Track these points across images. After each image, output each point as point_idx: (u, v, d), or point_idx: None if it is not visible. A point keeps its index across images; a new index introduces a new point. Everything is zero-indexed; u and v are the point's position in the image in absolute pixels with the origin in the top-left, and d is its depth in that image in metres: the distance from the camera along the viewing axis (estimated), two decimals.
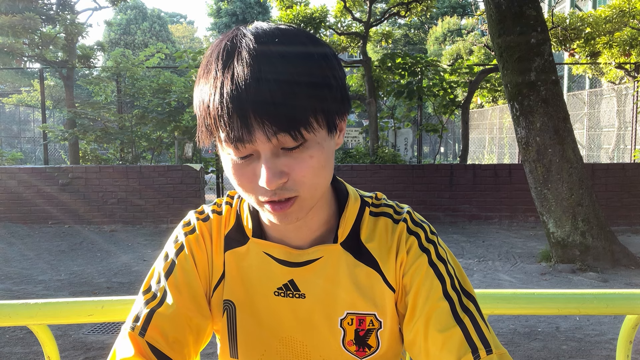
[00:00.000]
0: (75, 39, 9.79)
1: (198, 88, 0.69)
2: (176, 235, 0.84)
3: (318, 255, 0.79)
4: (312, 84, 0.64)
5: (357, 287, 0.79)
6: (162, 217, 7.95)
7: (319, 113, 0.65)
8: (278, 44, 0.65)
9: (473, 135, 16.88)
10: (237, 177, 0.69)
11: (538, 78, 5.21)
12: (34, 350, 3.32)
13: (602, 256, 5.26)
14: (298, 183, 0.67)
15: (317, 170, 0.68)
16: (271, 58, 0.63)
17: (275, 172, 0.65)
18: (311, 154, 0.66)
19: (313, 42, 0.69)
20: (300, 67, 0.64)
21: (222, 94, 0.63)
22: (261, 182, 0.65)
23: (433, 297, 0.75)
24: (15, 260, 5.85)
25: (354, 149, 9.58)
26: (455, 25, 24.72)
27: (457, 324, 0.72)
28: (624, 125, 11.37)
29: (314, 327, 0.80)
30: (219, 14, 31.67)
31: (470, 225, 7.80)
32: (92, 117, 9.15)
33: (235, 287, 0.82)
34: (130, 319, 0.75)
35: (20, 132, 19.82)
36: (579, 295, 1.13)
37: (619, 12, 8.33)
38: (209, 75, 0.66)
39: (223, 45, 0.67)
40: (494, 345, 0.71)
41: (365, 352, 0.80)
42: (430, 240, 0.80)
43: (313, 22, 8.99)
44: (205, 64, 0.68)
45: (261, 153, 0.65)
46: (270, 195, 0.67)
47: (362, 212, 0.83)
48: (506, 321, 3.83)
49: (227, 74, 0.63)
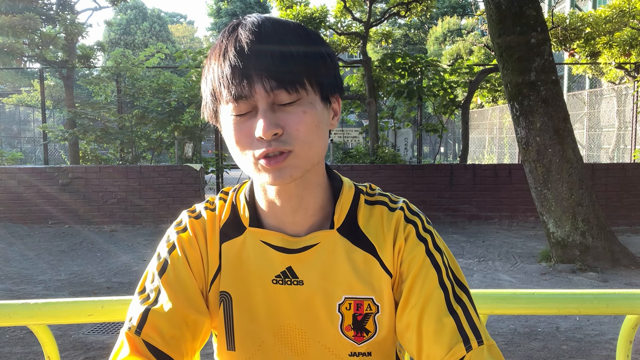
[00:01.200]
0: (75, 39, 9.79)
1: (206, 67, 0.76)
2: (168, 235, 0.85)
3: (315, 241, 0.80)
4: (308, 54, 0.72)
5: (355, 271, 0.80)
6: (162, 217, 7.94)
7: (313, 79, 0.72)
8: (280, 22, 0.74)
9: (473, 135, 16.87)
10: (236, 133, 0.72)
11: (538, 78, 5.20)
12: (34, 350, 3.31)
13: (602, 256, 5.26)
14: (292, 137, 0.71)
15: (310, 127, 0.72)
16: (273, 28, 0.72)
17: (271, 122, 0.69)
18: (304, 109, 0.71)
19: (312, 32, 0.77)
20: (299, 39, 0.72)
21: (227, 56, 0.71)
22: (257, 133, 0.70)
23: (428, 286, 0.76)
24: (15, 260, 5.85)
25: (354, 149, 9.57)
26: (455, 25, 24.71)
27: (451, 314, 0.74)
28: (624, 125, 11.37)
29: (312, 313, 0.80)
30: (219, 14, 31.67)
31: (470, 225, 7.80)
32: (92, 117, 9.15)
33: (231, 278, 0.82)
34: (127, 320, 0.76)
35: (20, 132, 19.81)
36: (579, 295, 1.13)
37: (619, 12, 8.32)
38: (215, 50, 0.74)
39: (230, 26, 0.75)
40: (485, 337, 0.73)
41: (363, 337, 0.80)
42: (427, 230, 0.82)
43: (313, 22, 8.99)
44: (213, 47, 0.76)
45: (259, 106, 0.70)
46: (265, 146, 0.70)
47: (357, 200, 0.85)
48: (506, 321, 3.83)
49: (231, 39, 0.72)
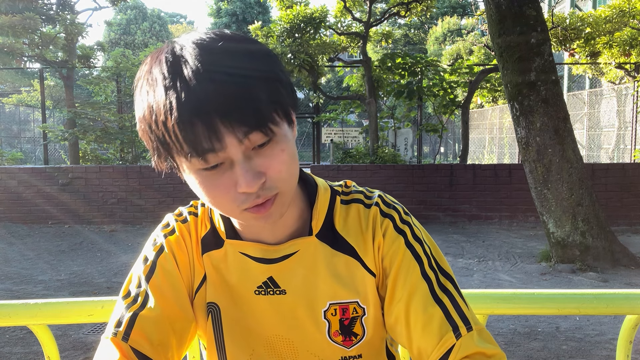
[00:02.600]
0: (75, 39, 9.79)
1: (142, 103, 0.64)
2: (154, 238, 0.82)
3: (294, 249, 0.78)
4: (265, 79, 0.63)
5: (337, 276, 0.79)
6: (162, 217, 7.90)
7: (277, 106, 0.64)
8: (220, 45, 0.63)
9: (473, 135, 16.87)
10: (211, 190, 0.66)
11: (538, 78, 5.20)
12: (34, 350, 3.31)
13: (602, 256, 5.26)
14: (276, 180, 0.66)
15: (290, 163, 0.67)
16: (219, 58, 0.61)
17: (254, 173, 0.63)
18: (282, 147, 0.66)
19: (250, 40, 0.67)
20: (250, 64, 0.63)
21: (181, 105, 0.59)
22: (240, 188, 0.63)
23: (411, 279, 0.75)
24: (15, 260, 5.85)
25: (354, 149, 9.57)
26: (455, 25, 24.71)
27: (437, 304, 0.73)
28: (624, 125, 11.36)
29: (298, 322, 0.79)
30: (219, 14, 31.66)
31: (470, 225, 7.80)
32: (92, 117, 9.16)
33: (217, 290, 0.80)
34: (112, 325, 0.72)
35: (20, 132, 19.81)
36: (579, 295, 1.13)
37: (619, 12, 8.33)
38: (154, 88, 0.62)
39: (163, 57, 0.63)
40: (473, 322, 0.73)
41: (352, 341, 0.80)
42: (405, 221, 0.80)
43: (313, 22, 8.98)
44: (146, 78, 0.64)
45: (234, 158, 0.63)
46: (253, 199, 0.65)
47: (334, 202, 0.82)
48: (506, 321, 3.83)
49: (178, 83, 0.59)
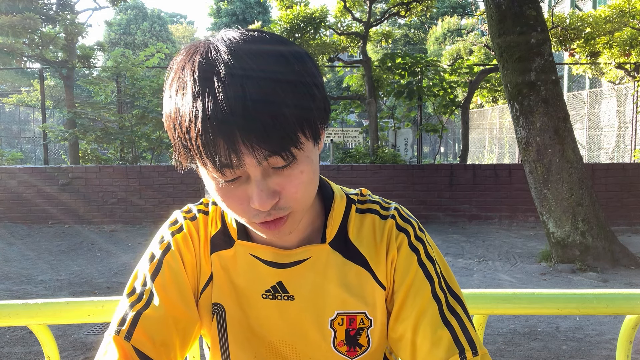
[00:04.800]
0: (75, 39, 9.79)
1: (170, 102, 0.63)
2: (161, 235, 0.81)
3: (306, 255, 0.78)
4: (297, 99, 0.61)
5: (347, 286, 0.78)
6: (162, 217, 7.93)
7: (305, 128, 0.62)
8: (256, 56, 0.61)
9: (473, 135, 16.87)
10: (226, 199, 0.66)
11: (538, 78, 5.20)
12: (34, 350, 3.31)
13: (602, 256, 5.26)
14: (291, 200, 0.66)
15: (308, 184, 0.66)
16: (251, 73, 0.59)
17: (268, 193, 0.63)
18: (302, 169, 0.65)
19: (286, 43, 0.65)
20: (284, 83, 0.60)
21: (206, 118, 0.58)
22: (254, 205, 0.63)
23: (421, 298, 0.75)
24: (15, 260, 5.85)
25: (354, 149, 9.58)
26: (455, 25, 24.71)
27: (446, 326, 0.73)
28: (624, 125, 11.36)
29: (303, 329, 0.78)
30: (219, 14, 31.66)
31: (470, 225, 7.80)
32: (92, 117, 9.16)
33: (223, 291, 0.79)
34: (115, 323, 0.72)
35: (20, 132, 19.80)
36: (579, 295, 1.13)
37: (619, 12, 8.32)
38: (184, 90, 0.61)
39: (197, 60, 0.62)
40: (479, 346, 0.73)
41: (356, 352, 0.79)
42: (419, 238, 0.80)
43: (313, 22, 8.98)
44: (178, 75, 0.63)
45: (251, 176, 0.63)
46: (264, 216, 0.65)
47: (349, 210, 0.81)
48: (506, 321, 3.83)
49: (207, 95, 0.58)
